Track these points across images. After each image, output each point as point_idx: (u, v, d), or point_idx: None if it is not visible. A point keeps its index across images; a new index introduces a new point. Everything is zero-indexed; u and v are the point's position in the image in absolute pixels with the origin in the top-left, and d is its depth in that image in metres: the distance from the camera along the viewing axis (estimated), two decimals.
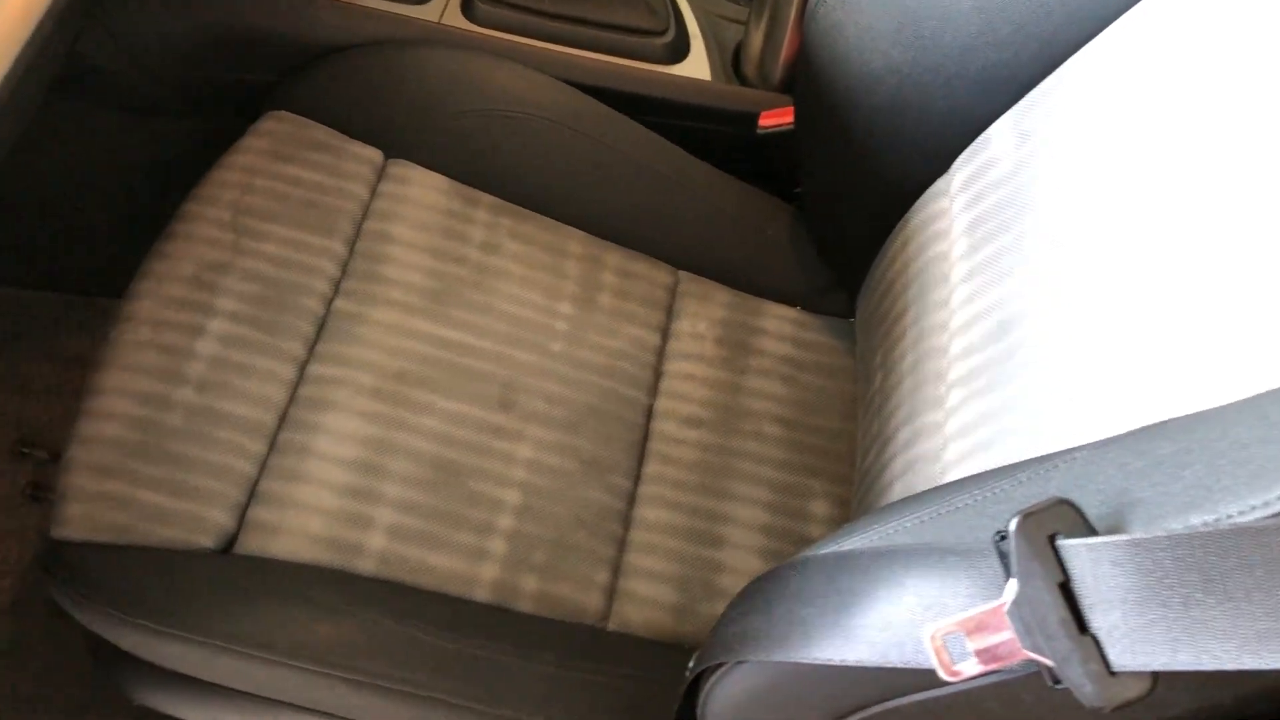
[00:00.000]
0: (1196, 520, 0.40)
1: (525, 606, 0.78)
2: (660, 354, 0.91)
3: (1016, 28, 0.70)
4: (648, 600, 0.80)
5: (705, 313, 0.93)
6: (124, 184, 1.11)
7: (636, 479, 0.85)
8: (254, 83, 0.98)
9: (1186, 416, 0.46)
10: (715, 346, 0.92)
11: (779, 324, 0.94)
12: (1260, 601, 0.37)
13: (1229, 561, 0.37)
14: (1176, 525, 0.39)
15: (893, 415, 0.77)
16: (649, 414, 0.88)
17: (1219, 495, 0.40)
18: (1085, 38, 0.67)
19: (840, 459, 0.88)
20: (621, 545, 0.82)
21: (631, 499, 0.84)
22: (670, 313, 0.93)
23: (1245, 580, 0.37)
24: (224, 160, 0.90)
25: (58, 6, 0.51)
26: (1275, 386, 0.44)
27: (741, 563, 0.82)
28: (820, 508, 0.86)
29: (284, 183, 0.89)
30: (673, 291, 0.94)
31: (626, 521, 0.83)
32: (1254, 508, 0.38)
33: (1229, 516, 0.39)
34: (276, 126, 0.92)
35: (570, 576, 0.80)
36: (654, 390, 0.89)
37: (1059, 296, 0.61)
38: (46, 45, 0.51)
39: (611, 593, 0.80)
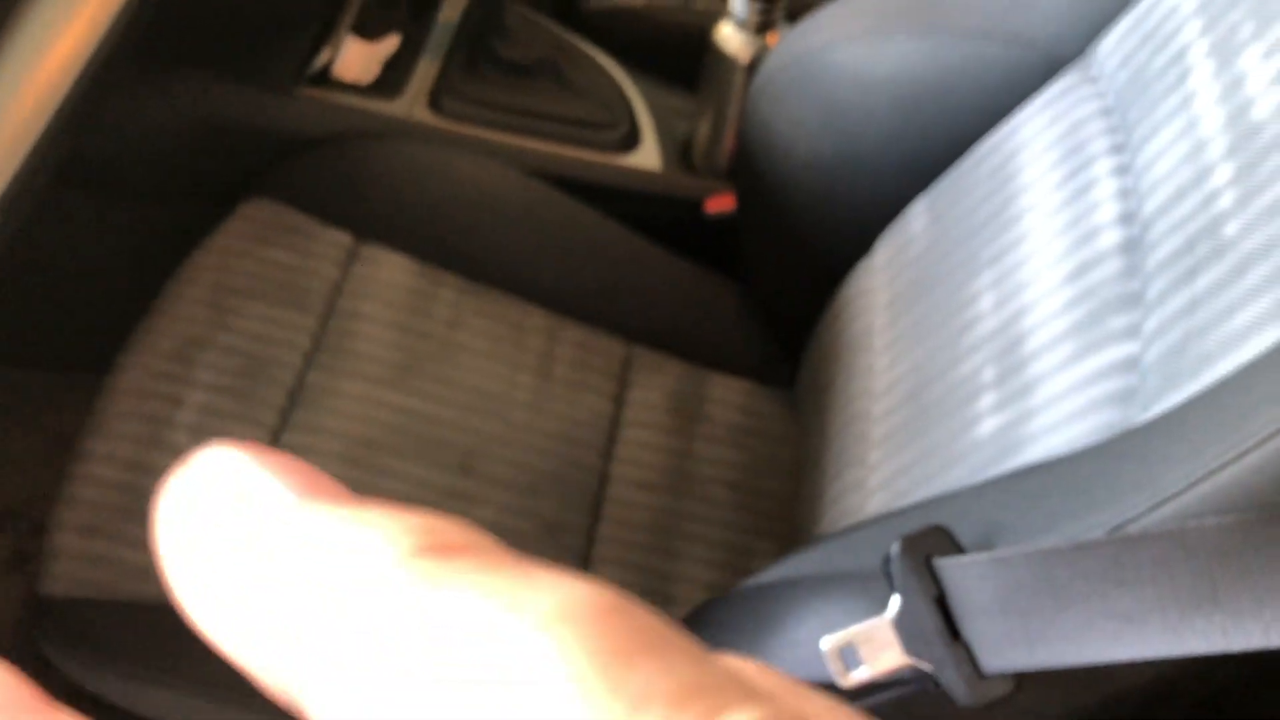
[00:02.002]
0: (1049, 540, 0.46)
1: None
2: (615, 422, 0.97)
3: (928, 122, 0.78)
4: None
5: (658, 383, 1.00)
6: (111, 267, 1.17)
7: (591, 540, 0.91)
8: (236, 172, 1.05)
9: (1053, 459, 0.53)
10: (667, 415, 0.98)
11: (727, 393, 1.00)
12: (1097, 606, 0.43)
13: (1070, 572, 0.43)
14: (1033, 546, 0.46)
15: (825, 474, 0.83)
16: (604, 478, 0.94)
17: (1065, 519, 0.46)
18: (986, 127, 0.75)
19: (785, 520, 0.94)
20: None
21: (586, 559, 0.90)
22: (625, 383, 0.99)
23: (1084, 588, 0.43)
24: (205, 243, 0.97)
25: (69, 104, 0.58)
26: (1124, 431, 0.51)
27: None
28: (766, 566, 0.92)
29: (261, 264, 0.96)
30: (627, 364, 1.00)
31: None
32: (1091, 528, 0.45)
33: (1073, 536, 0.45)
34: (256, 212, 0.99)
35: None
36: (609, 456, 0.95)
37: (957, 362, 0.68)
38: (57, 140, 0.58)
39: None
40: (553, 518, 0.90)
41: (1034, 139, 0.69)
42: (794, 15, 0.94)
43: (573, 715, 0.09)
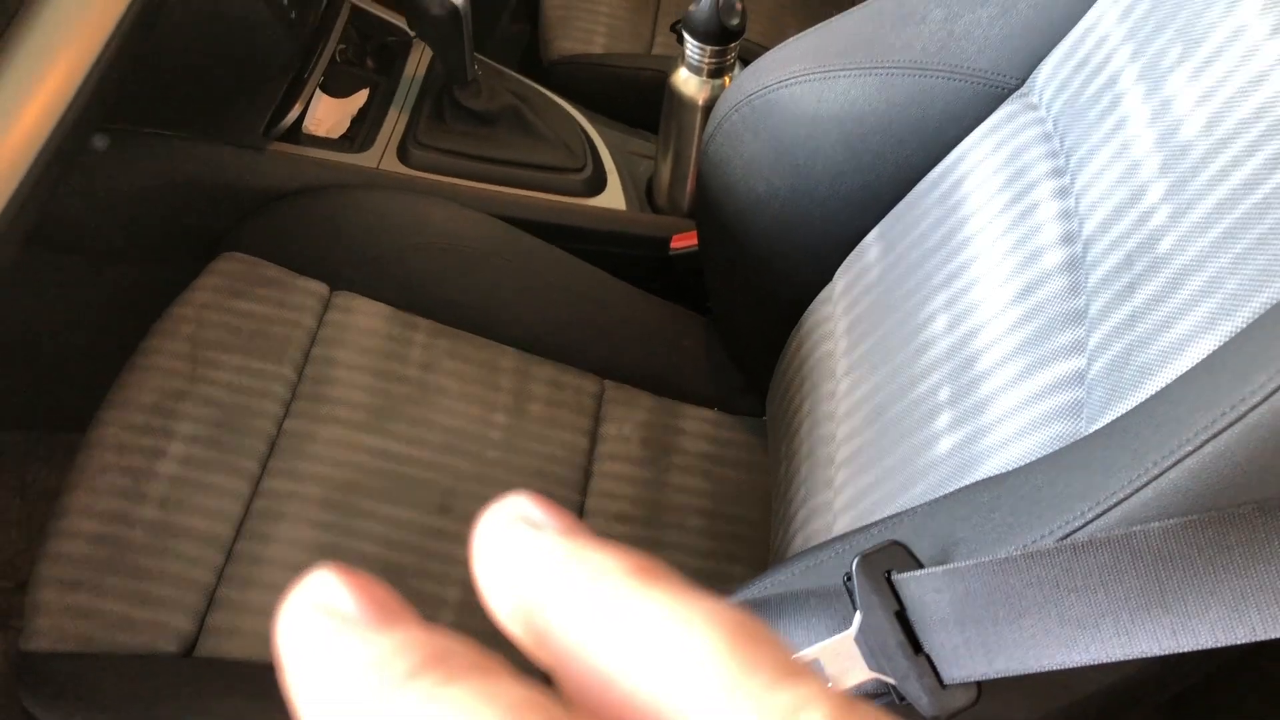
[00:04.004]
0: (1002, 551, 0.48)
1: None
2: (589, 456, 0.99)
3: (876, 155, 0.80)
4: None
5: (630, 417, 1.01)
6: (89, 326, 1.18)
7: None
8: (210, 228, 1.06)
9: (1005, 473, 0.55)
10: (640, 447, 1.00)
11: (697, 424, 1.02)
12: (1051, 612, 0.45)
13: (1023, 580, 0.45)
14: (986, 557, 0.47)
15: (793, 499, 0.85)
16: (580, 511, 0.95)
17: (1018, 529, 0.48)
18: (933, 161, 0.78)
19: (758, 545, 0.96)
20: None
21: None
22: (597, 418, 1.01)
23: (1037, 595, 0.45)
24: (181, 298, 0.98)
25: (39, 165, 0.59)
26: (1075, 440, 0.53)
27: None
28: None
29: (237, 316, 0.97)
30: (599, 399, 1.02)
31: None
32: (1043, 536, 0.47)
33: (1025, 545, 0.47)
34: (230, 266, 1.01)
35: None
36: (584, 489, 0.97)
37: (914, 384, 0.70)
38: (28, 201, 0.59)
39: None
40: None
41: (979, 166, 0.71)
42: (747, 59, 0.96)
43: (713, 668, 0.16)
